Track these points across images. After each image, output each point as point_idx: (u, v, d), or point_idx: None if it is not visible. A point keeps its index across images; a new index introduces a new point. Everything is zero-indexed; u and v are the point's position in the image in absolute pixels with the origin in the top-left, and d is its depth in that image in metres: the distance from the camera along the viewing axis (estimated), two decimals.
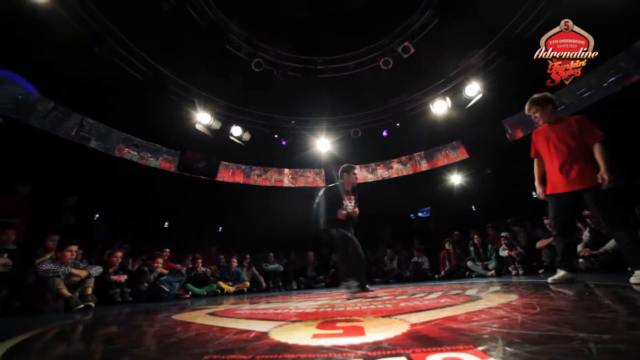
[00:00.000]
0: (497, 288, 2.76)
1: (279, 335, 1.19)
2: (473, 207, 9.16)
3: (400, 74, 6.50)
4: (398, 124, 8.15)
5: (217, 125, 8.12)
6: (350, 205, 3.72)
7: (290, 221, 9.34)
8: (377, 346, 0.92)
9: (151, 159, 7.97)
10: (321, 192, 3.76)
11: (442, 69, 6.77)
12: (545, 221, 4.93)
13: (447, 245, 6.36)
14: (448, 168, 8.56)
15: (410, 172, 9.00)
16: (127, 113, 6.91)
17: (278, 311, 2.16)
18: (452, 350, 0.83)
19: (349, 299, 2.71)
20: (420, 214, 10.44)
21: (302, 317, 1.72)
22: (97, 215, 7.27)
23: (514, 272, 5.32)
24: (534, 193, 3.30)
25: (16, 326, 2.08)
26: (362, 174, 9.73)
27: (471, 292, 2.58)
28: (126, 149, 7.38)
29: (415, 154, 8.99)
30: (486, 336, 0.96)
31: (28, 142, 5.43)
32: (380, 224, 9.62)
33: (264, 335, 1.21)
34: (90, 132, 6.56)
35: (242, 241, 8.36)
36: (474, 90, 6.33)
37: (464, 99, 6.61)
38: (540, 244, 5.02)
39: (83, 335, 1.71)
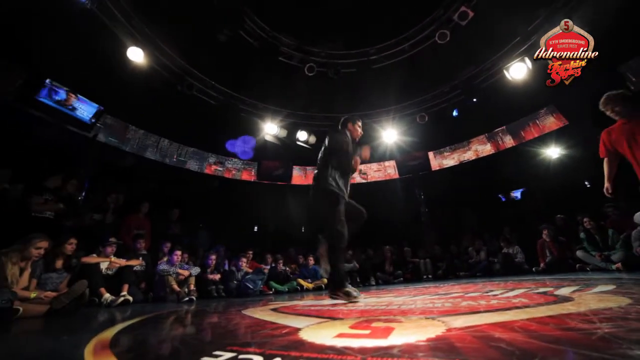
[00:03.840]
0: (609, 288, 2.18)
1: (307, 332, 1.25)
2: (587, 183, 7.32)
3: (462, 44, 5.70)
4: (475, 99, 7.17)
5: (283, 133, 8.77)
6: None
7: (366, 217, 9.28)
8: (384, 352, 0.89)
9: (234, 172, 9.14)
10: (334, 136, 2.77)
11: (514, 25, 5.61)
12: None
13: (544, 233, 5.27)
14: (542, 140, 7.05)
15: (493, 152, 7.78)
16: (210, 135, 8.14)
17: (333, 308, 2.23)
18: None
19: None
20: (514, 196, 8.93)
21: (346, 315, 1.75)
22: (201, 225, 8.78)
23: None
24: None
25: (145, 310, 2.77)
26: (437, 161, 8.99)
27: (563, 291, 2.12)
28: (213, 166, 8.68)
29: (496, 130, 7.74)
30: (523, 352, 0.80)
31: (145, 170, 7.01)
32: (464, 211, 8.68)
33: (294, 331, 1.29)
34: (185, 156, 8.00)
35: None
36: None
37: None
38: None
39: (166, 319, 2.14)
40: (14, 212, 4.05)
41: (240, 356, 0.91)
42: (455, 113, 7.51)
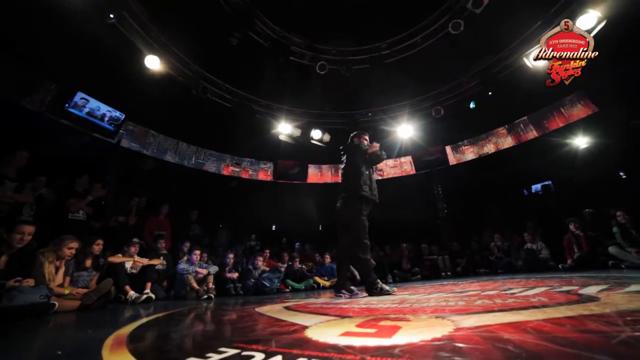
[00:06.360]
0: None
1: (314, 331, 1.26)
2: (622, 173, 6.83)
3: (477, 33, 5.46)
4: (490, 93, 6.90)
5: (297, 132, 8.80)
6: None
7: (382, 214, 9.18)
8: (385, 351, 0.89)
9: (251, 172, 9.31)
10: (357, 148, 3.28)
11: (533, 9, 5.29)
12: None
13: (572, 227, 4.97)
14: (569, 129, 6.65)
15: (514, 144, 7.43)
16: (226, 136, 8.33)
17: (345, 306, 2.23)
18: None
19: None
20: (536, 189, 8.51)
21: (356, 313, 1.74)
22: (220, 224, 9.00)
23: None
24: None
25: (165, 307, 2.90)
26: (455, 155, 8.73)
27: (590, 290, 2.00)
28: (231, 167, 8.88)
29: (518, 120, 7.37)
30: (530, 355, 0.77)
31: (166, 173, 7.30)
32: (485, 206, 8.37)
33: (301, 329, 1.30)
34: (203, 158, 8.25)
35: (337, 237, 8.76)
36: (590, 20, 4.64)
37: None
38: None
39: (182, 316, 2.22)
40: (50, 215, 4.36)
41: (244, 353, 0.93)
42: (472, 105, 7.23)
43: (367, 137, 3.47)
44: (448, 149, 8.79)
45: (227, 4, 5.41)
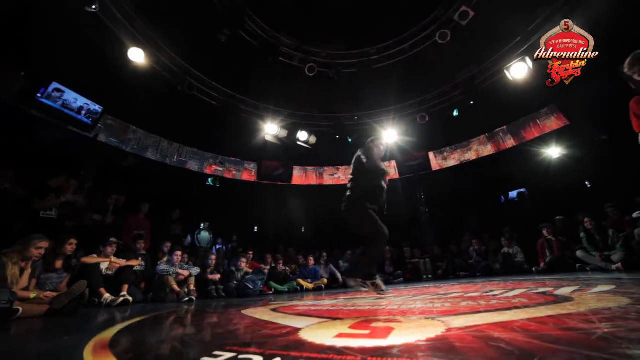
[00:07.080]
0: (609, 288, 2.18)
1: (308, 333, 1.25)
2: (587, 183, 7.31)
3: (463, 44, 5.68)
4: (472, 102, 7.18)
5: (283, 133, 8.74)
6: None
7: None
8: (384, 352, 0.89)
9: (235, 172, 9.12)
10: (367, 147, 3.15)
11: (515, 25, 5.60)
12: None
13: (545, 232, 5.27)
14: (543, 140, 7.06)
15: (493, 152, 7.78)
16: (211, 135, 8.14)
17: (333, 308, 2.23)
18: None
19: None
20: (511, 196, 8.94)
21: (346, 315, 1.75)
22: (202, 225, 8.74)
23: None
24: None
25: (145, 310, 2.76)
26: (438, 161, 9.00)
27: (563, 291, 2.12)
28: (214, 166, 8.67)
29: (497, 130, 7.73)
30: (522, 352, 0.80)
31: (146, 170, 7.01)
32: (465, 212, 8.67)
33: (294, 331, 1.29)
34: (186, 156, 8.01)
35: (320, 239, 8.80)
36: None
37: None
38: None
39: (166, 319, 2.14)
40: (15, 212, 4.06)
41: (240, 356, 0.91)
42: (455, 113, 7.50)
43: (382, 144, 3.40)
44: (431, 154, 9.04)
45: (218, 0, 5.32)
